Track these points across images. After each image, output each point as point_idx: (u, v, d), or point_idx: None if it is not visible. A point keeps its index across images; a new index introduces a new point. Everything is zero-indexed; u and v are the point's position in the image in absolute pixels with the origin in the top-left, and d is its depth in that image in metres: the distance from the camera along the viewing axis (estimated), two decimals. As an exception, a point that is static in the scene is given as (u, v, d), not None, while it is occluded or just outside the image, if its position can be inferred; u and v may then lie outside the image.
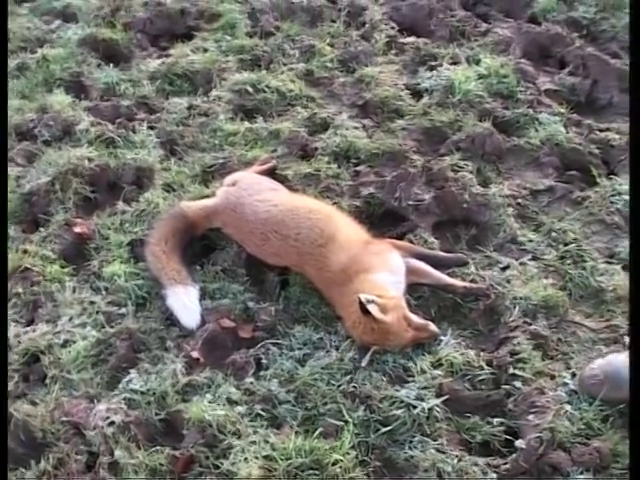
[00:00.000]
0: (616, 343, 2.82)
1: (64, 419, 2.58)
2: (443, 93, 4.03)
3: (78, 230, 3.35)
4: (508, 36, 4.45)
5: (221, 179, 3.54)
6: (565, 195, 3.47)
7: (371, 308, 2.64)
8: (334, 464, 2.41)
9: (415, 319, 2.79)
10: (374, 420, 2.56)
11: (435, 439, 2.52)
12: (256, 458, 2.43)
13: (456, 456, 2.46)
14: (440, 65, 4.26)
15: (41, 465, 2.50)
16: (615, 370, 2.55)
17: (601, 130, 3.81)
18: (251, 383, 2.71)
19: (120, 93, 4.26)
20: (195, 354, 2.81)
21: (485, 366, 2.73)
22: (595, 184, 3.50)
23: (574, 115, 3.92)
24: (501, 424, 2.57)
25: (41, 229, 3.39)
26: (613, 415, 2.52)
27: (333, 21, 4.75)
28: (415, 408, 2.57)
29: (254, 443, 2.49)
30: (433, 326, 2.82)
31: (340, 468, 2.40)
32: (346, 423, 2.54)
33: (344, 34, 4.62)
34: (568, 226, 3.30)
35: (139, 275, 3.15)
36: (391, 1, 4.88)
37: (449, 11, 4.74)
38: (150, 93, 4.24)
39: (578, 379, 2.65)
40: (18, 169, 3.68)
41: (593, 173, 3.54)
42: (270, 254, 3.12)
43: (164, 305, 3.01)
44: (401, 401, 2.60)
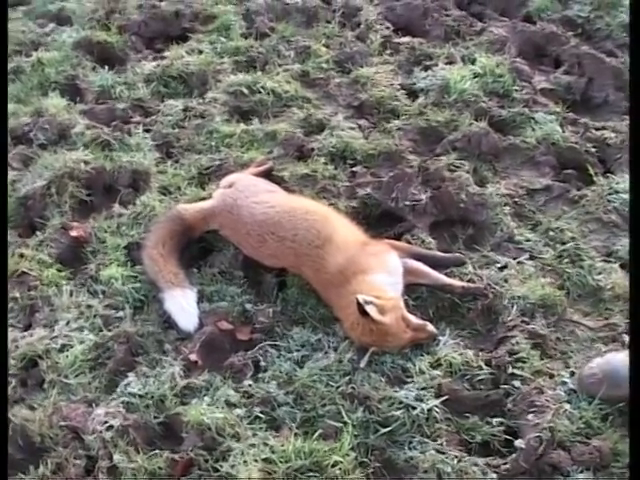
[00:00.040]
0: (615, 342, 2.82)
1: (62, 424, 2.57)
2: (439, 93, 4.03)
3: (74, 234, 3.34)
4: (503, 35, 4.45)
5: (217, 181, 3.53)
6: (562, 194, 3.47)
7: (369, 309, 2.63)
8: (334, 466, 2.41)
9: (413, 320, 2.79)
10: (373, 421, 2.56)
11: (435, 440, 2.51)
12: (255, 461, 2.42)
13: (456, 456, 2.46)
14: (435, 65, 4.27)
15: (40, 470, 2.49)
16: (614, 369, 2.55)
17: (597, 129, 3.82)
18: (249, 385, 2.70)
19: (115, 96, 4.25)
20: (193, 357, 2.80)
21: (484, 366, 2.72)
22: (592, 183, 3.51)
23: (570, 114, 3.93)
24: (500, 424, 2.57)
25: (37, 233, 3.38)
26: (613, 414, 2.52)
27: (328, 22, 4.75)
28: (414, 409, 2.57)
29: (253, 446, 2.48)
30: (431, 326, 2.82)
31: (340, 470, 2.40)
32: (345, 424, 2.54)
33: (339, 35, 4.62)
34: (565, 225, 3.30)
35: (136, 278, 3.14)
36: (386, 1, 4.88)
37: (444, 10, 4.74)
38: (145, 95, 4.24)
39: (577, 378, 2.65)
40: (14, 173, 3.67)
41: (590, 172, 3.54)
42: (267, 256, 3.11)
43: (162, 308, 3.00)
44: (400, 402, 2.59)
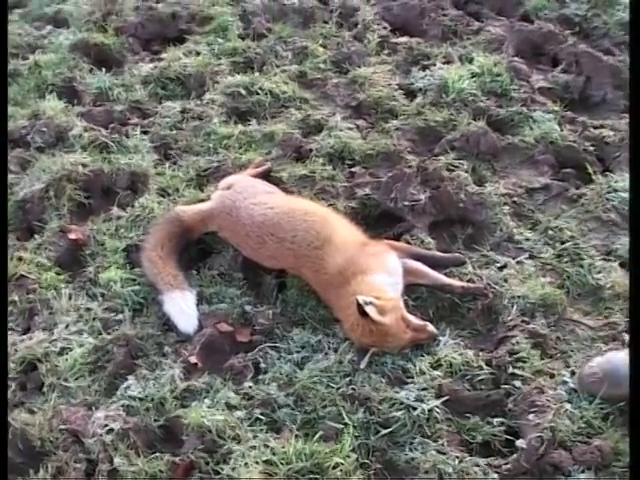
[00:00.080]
0: (615, 341, 2.81)
1: (62, 427, 2.57)
2: (437, 92, 4.03)
3: (73, 236, 3.34)
4: (501, 34, 4.46)
5: (216, 183, 3.53)
6: (561, 193, 3.47)
7: (369, 310, 2.63)
8: (335, 467, 2.41)
9: (413, 320, 2.79)
10: (374, 422, 2.55)
11: (435, 440, 2.51)
12: (256, 463, 2.42)
13: (457, 457, 2.45)
14: (433, 64, 4.27)
15: (40, 474, 2.49)
16: (614, 368, 2.55)
17: (595, 127, 3.81)
18: (250, 387, 2.70)
19: (113, 98, 4.25)
20: (193, 359, 2.80)
21: (484, 366, 2.72)
22: (590, 181, 3.51)
23: (568, 112, 3.94)
24: (501, 424, 2.57)
25: (36, 236, 3.38)
26: (613, 413, 2.52)
27: (325, 22, 4.75)
28: (415, 409, 2.56)
29: (254, 448, 2.48)
30: (431, 327, 2.81)
31: (341, 471, 2.40)
32: (346, 426, 2.53)
33: (336, 35, 4.62)
34: (564, 224, 3.30)
35: (135, 281, 3.14)
36: (383, 1, 4.88)
37: (441, 10, 4.74)
38: (143, 97, 4.23)
39: (577, 377, 2.64)
40: (11, 176, 3.65)
41: (588, 170, 3.54)
42: (266, 257, 3.10)
43: (161, 310, 3.00)
44: (401, 403, 2.59)
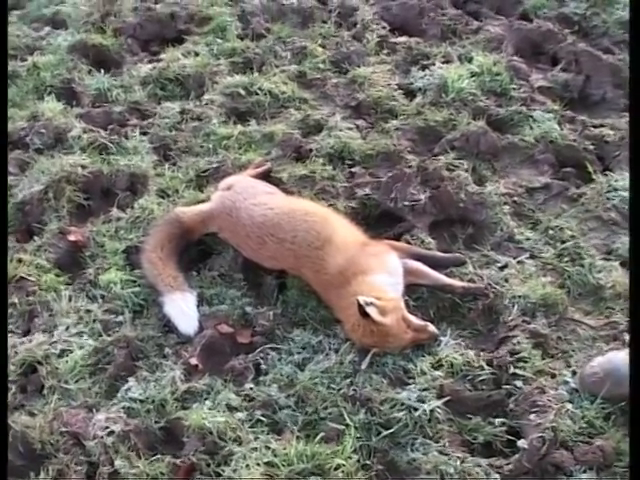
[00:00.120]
0: (616, 340, 2.81)
1: (63, 430, 2.56)
2: (436, 92, 4.02)
3: (73, 238, 3.33)
4: (500, 33, 4.45)
5: (215, 183, 3.53)
6: (561, 192, 3.47)
7: (370, 310, 2.63)
8: (336, 469, 2.41)
9: (414, 320, 2.79)
10: (375, 423, 2.55)
11: (437, 441, 2.51)
12: (258, 464, 2.42)
13: (458, 457, 2.45)
14: (432, 64, 4.26)
15: (41, 477, 2.48)
16: (615, 367, 2.55)
17: (595, 126, 3.81)
18: (251, 389, 2.70)
19: (112, 99, 4.24)
20: (194, 361, 2.80)
21: (485, 366, 2.72)
22: (591, 180, 3.50)
23: (568, 112, 3.93)
24: (503, 424, 2.57)
25: (35, 238, 3.37)
26: (615, 413, 2.52)
27: (324, 22, 4.74)
28: (416, 410, 2.56)
29: (255, 449, 2.48)
30: (432, 327, 2.81)
31: (342, 473, 2.40)
32: (347, 427, 2.53)
33: (335, 35, 4.61)
34: (565, 223, 3.29)
35: (135, 282, 3.14)
36: (381, 1, 4.87)
37: (440, 10, 4.73)
38: (142, 98, 4.22)
39: (579, 377, 2.64)
40: (11, 178, 3.64)
41: (588, 169, 3.53)
42: (267, 258, 3.10)
43: (161, 312, 2.99)
44: (402, 403, 2.59)
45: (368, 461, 2.46)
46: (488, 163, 3.66)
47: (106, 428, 2.54)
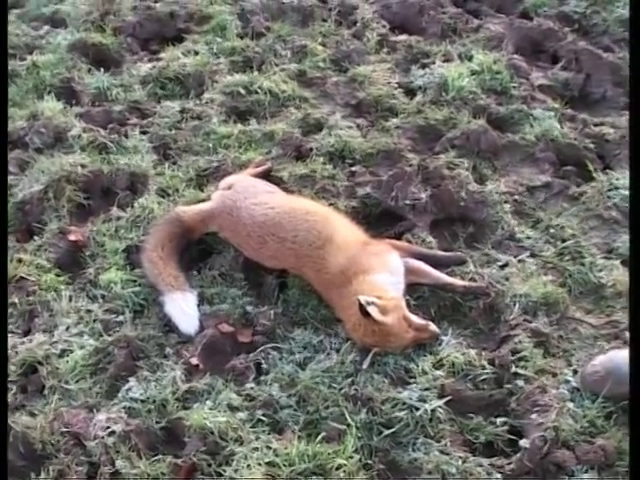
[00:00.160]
0: (617, 339, 2.81)
1: (64, 430, 2.55)
2: (436, 91, 4.02)
3: (73, 238, 3.32)
4: (500, 32, 4.45)
5: (216, 182, 3.52)
6: (562, 191, 3.47)
7: (371, 310, 2.62)
8: (338, 468, 2.40)
9: (415, 320, 2.78)
10: (377, 423, 2.55)
11: (438, 440, 2.50)
12: (259, 464, 2.41)
13: (460, 457, 2.45)
14: (433, 62, 4.26)
15: (41, 477, 2.47)
16: (616, 366, 2.54)
17: (595, 124, 3.81)
18: (252, 388, 2.69)
19: (111, 98, 4.23)
20: (194, 360, 2.79)
21: (487, 365, 2.72)
22: (591, 179, 3.50)
23: (568, 110, 3.93)
24: (504, 424, 2.56)
25: (35, 238, 3.37)
26: (616, 412, 2.52)
27: (324, 20, 4.74)
28: (418, 410, 2.56)
29: (256, 449, 2.47)
30: (433, 326, 2.81)
31: (344, 472, 2.39)
32: (348, 426, 2.53)
33: (335, 33, 4.61)
34: (566, 222, 3.29)
35: (136, 282, 3.13)
36: (381, -1, 4.87)
37: (440, 8, 4.74)
38: (142, 97, 4.22)
39: (580, 376, 2.64)
40: (10, 177, 3.64)
41: (589, 168, 3.54)
42: (268, 257, 3.09)
43: (162, 312, 2.99)
44: (403, 403, 2.58)
45: (369, 461, 2.46)
46: (489, 162, 3.65)
47: (107, 428, 2.54)
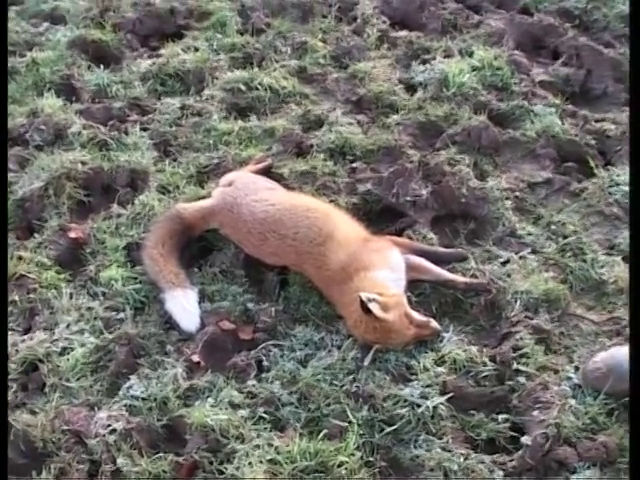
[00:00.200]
0: (619, 335, 2.81)
1: (65, 428, 2.55)
2: (437, 87, 4.01)
3: (73, 235, 3.32)
4: (500, 27, 4.44)
5: (216, 179, 3.51)
6: (563, 187, 3.46)
7: (372, 307, 2.62)
8: (339, 466, 2.40)
9: (416, 316, 2.78)
10: (378, 420, 2.55)
11: (440, 437, 2.51)
12: (260, 462, 2.41)
13: (462, 454, 2.45)
14: (433, 58, 4.25)
15: (42, 475, 2.48)
16: (618, 363, 2.54)
17: (596, 120, 3.81)
18: (253, 386, 2.69)
19: (111, 95, 4.22)
20: (195, 358, 2.79)
21: (488, 362, 2.72)
22: (592, 175, 3.50)
23: (569, 106, 3.93)
24: (506, 420, 2.56)
25: (35, 235, 3.36)
26: (618, 409, 2.52)
27: (324, 17, 4.72)
28: (419, 407, 2.56)
29: (258, 447, 2.47)
30: (435, 323, 2.81)
31: (346, 470, 2.39)
32: (350, 424, 2.52)
33: (336, 29, 4.60)
34: (567, 218, 3.29)
35: (137, 279, 3.12)
36: (382, -5, 4.86)
37: (440, 4, 4.73)
38: (142, 94, 4.21)
39: (581, 373, 2.64)
40: (10, 175, 3.63)
41: (590, 164, 3.53)
42: (268, 254, 3.09)
43: (163, 309, 2.98)
44: (405, 400, 2.58)
45: (371, 458, 2.46)
46: (489, 158, 3.65)
47: (108, 426, 2.53)
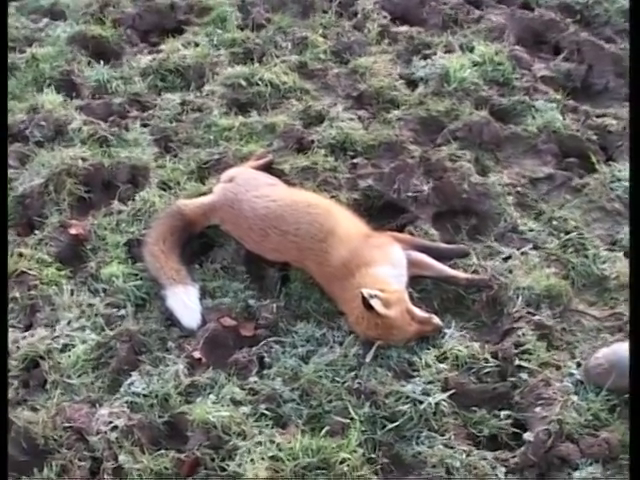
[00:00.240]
0: (620, 331, 2.80)
1: (66, 425, 2.55)
2: (438, 82, 3.99)
3: (74, 231, 3.31)
4: (501, 22, 4.42)
5: (217, 175, 3.50)
6: (564, 182, 3.45)
7: (374, 303, 2.61)
8: (341, 463, 2.39)
9: (418, 312, 2.77)
10: (380, 416, 2.54)
11: (442, 434, 2.50)
12: (262, 459, 2.41)
13: (464, 451, 2.45)
14: (434, 54, 4.23)
15: (44, 473, 2.47)
16: (620, 359, 2.53)
17: (598, 116, 3.79)
18: (255, 382, 2.68)
19: (112, 90, 4.21)
20: (197, 354, 2.78)
21: (490, 358, 2.71)
22: (594, 171, 3.49)
23: (570, 101, 3.91)
24: (508, 417, 2.56)
25: (36, 232, 3.35)
26: (620, 405, 2.51)
27: (325, 12, 4.70)
28: (421, 403, 2.55)
29: (260, 444, 2.46)
30: (436, 319, 2.80)
31: (348, 466, 2.38)
32: (352, 420, 2.52)
33: (336, 25, 4.57)
34: (569, 214, 3.28)
35: (137, 276, 3.12)
36: (382, -10, 4.84)
37: (441, -1, 4.70)
38: (142, 90, 4.19)
39: (583, 369, 2.63)
40: (11, 171, 3.62)
41: (592, 159, 3.52)
42: (270, 250, 3.08)
43: (164, 305, 2.98)
44: (407, 396, 2.58)
45: (373, 455, 2.45)
46: (491, 153, 3.64)
47: (109, 423, 2.53)
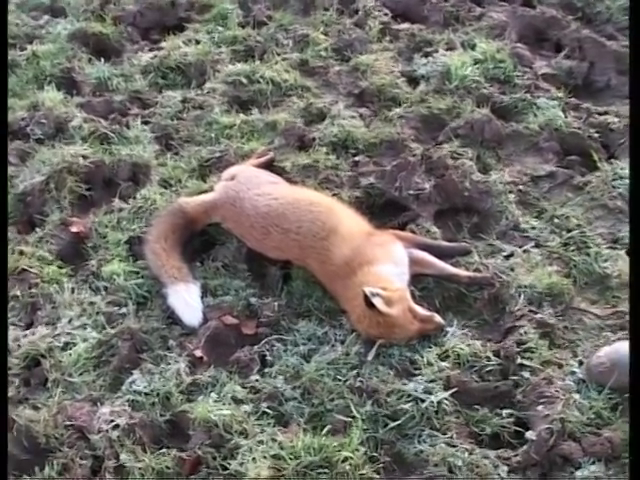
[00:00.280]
0: (622, 330, 2.79)
1: (67, 423, 2.56)
2: (440, 79, 3.98)
3: (75, 229, 3.31)
4: (503, 20, 4.40)
5: (218, 173, 3.50)
6: (566, 180, 3.45)
7: (376, 301, 2.61)
8: (343, 461, 2.39)
9: (420, 311, 2.77)
10: (382, 415, 2.54)
11: (444, 433, 2.50)
12: (264, 458, 2.41)
13: (466, 449, 2.45)
14: (435, 51, 4.21)
15: (45, 471, 2.48)
16: (622, 357, 2.52)
17: (600, 113, 3.78)
18: (256, 381, 2.68)
19: (112, 88, 4.20)
20: (198, 353, 2.78)
21: (492, 357, 2.71)
22: (596, 168, 3.48)
23: (572, 99, 3.89)
24: (510, 415, 2.56)
25: (37, 229, 3.35)
26: (622, 403, 2.51)
27: (326, 9, 4.67)
28: (423, 401, 2.55)
29: (262, 442, 2.47)
30: (438, 317, 2.80)
31: (350, 465, 2.38)
32: (354, 419, 2.52)
33: (337, 22, 4.55)
34: (570, 212, 3.27)
35: (139, 274, 3.12)
36: (383, -13, 4.83)
37: (442, -5, 4.69)
38: (143, 87, 4.19)
39: (585, 367, 2.63)
40: (11, 169, 3.62)
41: (593, 157, 3.51)
42: (271, 248, 3.08)
43: (165, 303, 2.98)
44: (409, 395, 2.58)
45: (375, 453, 2.45)
46: (492, 151, 3.63)
47: (111, 421, 2.54)
